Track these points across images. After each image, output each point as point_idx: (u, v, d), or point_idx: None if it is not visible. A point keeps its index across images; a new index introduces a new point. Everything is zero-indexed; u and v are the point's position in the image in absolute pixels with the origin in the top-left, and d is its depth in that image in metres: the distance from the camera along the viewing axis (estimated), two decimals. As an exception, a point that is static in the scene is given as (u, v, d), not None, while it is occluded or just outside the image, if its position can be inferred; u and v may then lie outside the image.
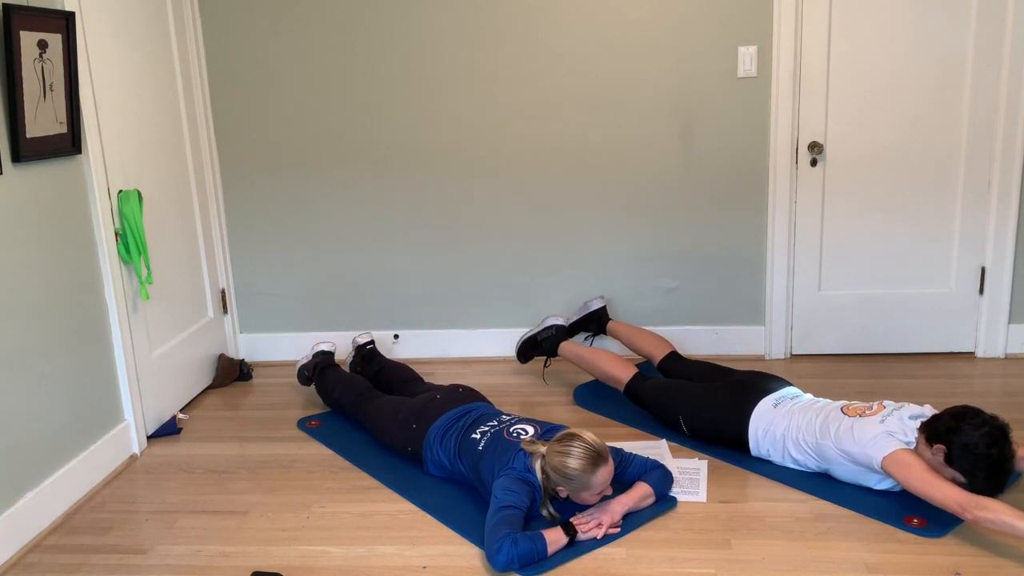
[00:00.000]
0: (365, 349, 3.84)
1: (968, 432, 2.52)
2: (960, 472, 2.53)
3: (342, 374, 3.63)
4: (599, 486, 2.57)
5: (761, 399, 3.04)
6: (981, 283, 3.95)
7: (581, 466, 2.53)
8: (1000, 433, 2.52)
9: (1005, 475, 2.52)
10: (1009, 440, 2.53)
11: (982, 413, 2.57)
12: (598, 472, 2.54)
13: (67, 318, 2.97)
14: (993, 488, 2.52)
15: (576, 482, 2.55)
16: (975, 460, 2.50)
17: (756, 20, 3.78)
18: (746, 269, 4.06)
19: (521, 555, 2.39)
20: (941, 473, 2.56)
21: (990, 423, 2.53)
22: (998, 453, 2.50)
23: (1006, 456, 2.51)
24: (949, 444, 2.54)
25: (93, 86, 3.14)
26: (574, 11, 3.85)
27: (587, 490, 2.57)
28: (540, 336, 3.84)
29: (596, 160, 4.00)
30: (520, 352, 3.90)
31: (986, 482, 2.51)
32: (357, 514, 2.82)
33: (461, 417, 3.02)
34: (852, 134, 3.85)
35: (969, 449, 2.51)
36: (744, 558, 2.47)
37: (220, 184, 4.18)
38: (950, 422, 2.57)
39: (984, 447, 2.49)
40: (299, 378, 3.76)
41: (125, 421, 3.31)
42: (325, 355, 3.73)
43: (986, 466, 2.50)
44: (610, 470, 2.58)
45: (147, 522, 2.84)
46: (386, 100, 4.03)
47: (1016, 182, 3.80)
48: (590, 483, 2.55)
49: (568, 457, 2.54)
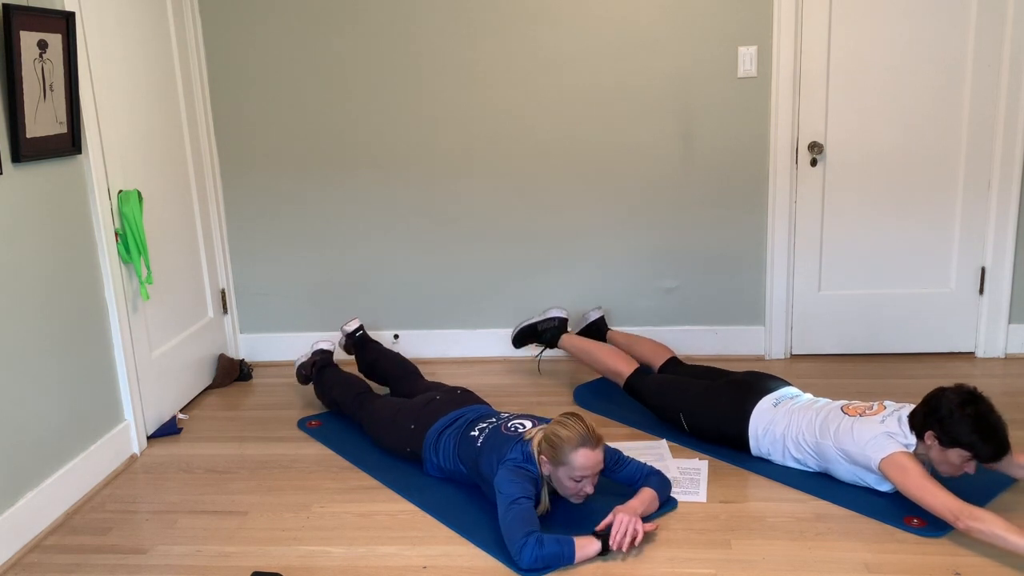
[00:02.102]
0: (355, 336, 3.83)
1: (941, 406, 2.56)
2: (957, 446, 2.53)
3: (341, 374, 3.63)
4: (579, 469, 2.55)
5: (761, 398, 3.04)
6: (981, 283, 3.95)
7: (568, 437, 2.54)
8: (969, 393, 2.56)
9: (996, 429, 2.53)
10: (981, 396, 2.56)
11: (945, 387, 2.62)
12: (583, 451, 2.54)
13: (67, 318, 2.97)
14: (997, 446, 2.52)
15: (559, 453, 2.55)
16: (959, 425, 2.52)
17: (756, 20, 3.78)
18: (746, 269, 4.06)
19: (546, 556, 2.39)
20: (947, 461, 2.57)
21: (957, 389, 2.58)
22: (973, 410, 2.52)
23: (985, 410, 2.53)
24: (933, 427, 2.57)
25: (93, 86, 3.14)
26: (574, 11, 3.85)
27: (566, 467, 2.55)
28: (541, 326, 3.83)
29: (596, 160, 4.00)
30: (516, 337, 3.89)
31: (983, 442, 2.51)
32: (357, 514, 2.82)
33: (459, 419, 3.02)
34: (852, 134, 3.85)
35: (950, 418, 2.53)
36: (744, 558, 2.47)
37: (220, 184, 4.18)
38: (923, 408, 2.63)
39: (959, 409, 2.52)
40: (298, 377, 3.76)
41: (125, 421, 3.31)
42: (324, 354, 3.73)
43: (972, 425, 2.51)
44: (596, 459, 2.56)
45: (147, 522, 2.84)
46: (387, 100, 4.03)
47: (1016, 182, 3.80)
48: (571, 459, 2.54)
49: (561, 427, 2.58)
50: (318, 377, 3.66)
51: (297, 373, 3.76)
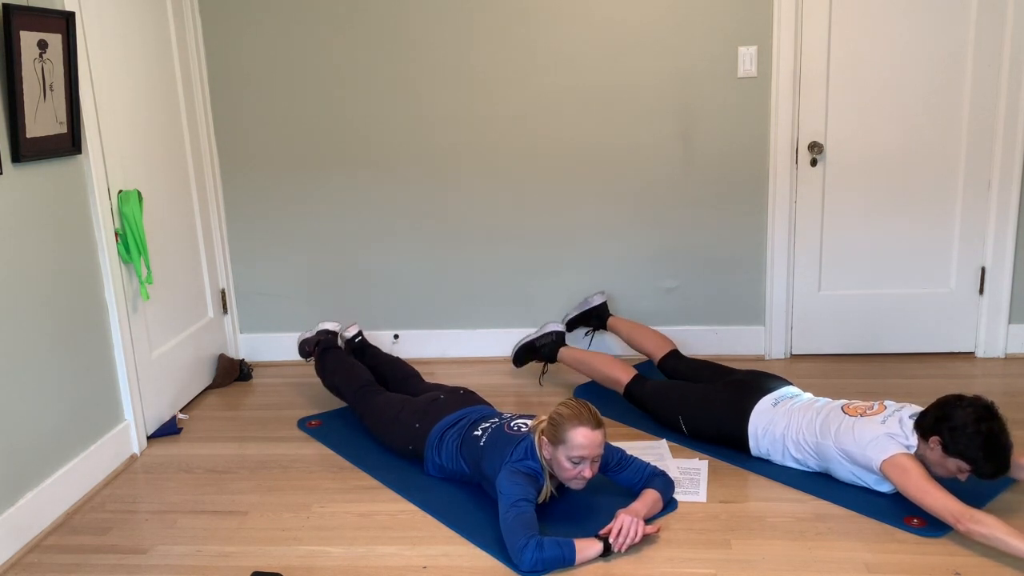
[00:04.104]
0: (355, 342, 3.83)
1: (955, 416, 2.54)
2: (960, 458, 2.53)
3: (345, 360, 3.61)
4: (577, 448, 2.54)
5: (761, 398, 3.04)
6: (981, 283, 3.95)
7: (568, 415, 2.56)
8: (986, 409, 2.54)
9: (1004, 449, 2.51)
10: (997, 414, 2.54)
11: (964, 396, 2.60)
12: (581, 429, 2.53)
13: (67, 318, 2.97)
14: (998, 465, 2.51)
15: (558, 431, 2.55)
16: (968, 440, 2.50)
17: (756, 20, 3.78)
18: (746, 269, 4.06)
19: (546, 559, 2.39)
20: (944, 466, 2.57)
21: (974, 403, 2.56)
22: (987, 428, 2.50)
23: (998, 429, 2.51)
24: (941, 433, 2.55)
25: (93, 86, 3.14)
26: (574, 11, 3.85)
27: (564, 445, 2.55)
28: (539, 342, 3.83)
29: (596, 160, 4.00)
30: (516, 357, 3.89)
31: (987, 460, 2.50)
32: (357, 514, 2.82)
33: (463, 419, 3.02)
34: (852, 134, 3.85)
35: (960, 430, 2.51)
36: (744, 558, 2.47)
37: (220, 184, 4.18)
38: (936, 412, 2.60)
39: (973, 424, 2.50)
40: (299, 351, 3.78)
41: (125, 421, 3.31)
42: (328, 335, 3.73)
43: (981, 442, 2.50)
44: (594, 439, 2.55)
45: (147, 522, 2.84)
46: (388, 100, 4.03)
47: (1016, 182, 3.80)
48: (569, 437, 2.54)
49: (564, 406, 2.60)
50: (321, 358, 3.65)
51: (300, 348, 3.79)
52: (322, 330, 3.75)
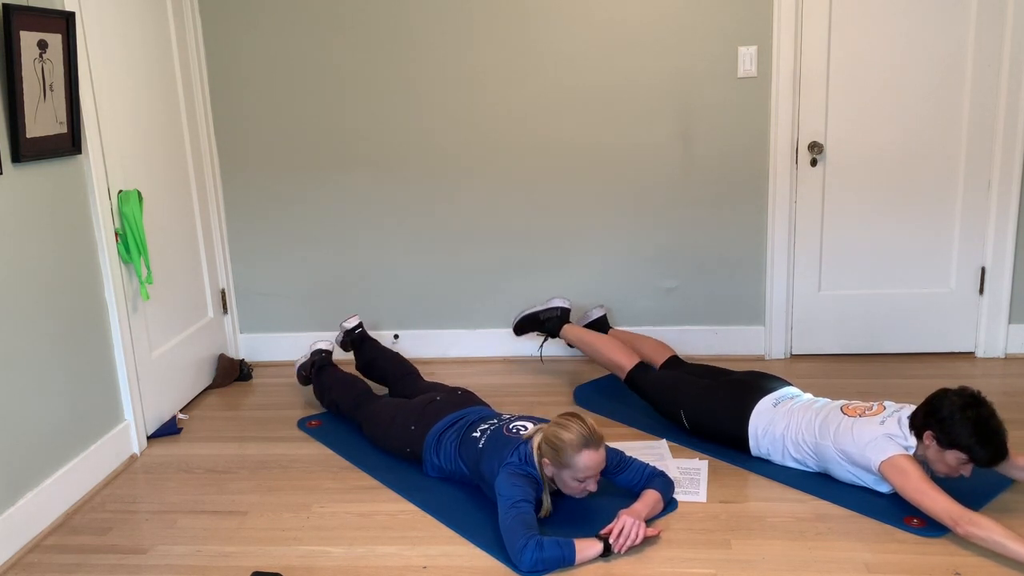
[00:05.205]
0: (354, 333, 3.82)
1: (942, 407, 2.56)
2: (955, 448, 2.53)
3: (339, 374, 3.63)
4: (582, 470, 2.55)
5: (761, 398, 3.04)
6: (981, 283, 3.95)
7: (571, 440, 2.54)
8: (971, 397, 2.56)
9: (996, 433, 2.52)
10: (984, 400, 2.56)
11: (950, 388, 2.61)
12: (585, 452, 2.53)
13: (67, 318, 2.97)
14: (995, 452, 2.51)
15: (562, 456, 2.55)
16: (959, 428, 2.51)
17: (756, 20, 3.78)
18: (746, 269, 4.06)
19: (546, 559, 2.39)
20: (944, 461, 2.57)
21: (960, 392, 2.58)
22: (975, 414, 2.51)
23: (986, 414, 2.52)
24: (932, 427, 2.56)
25: (93, 86, 3.14)
26: (574, 11, 3.85)
27: (569, 469, 2.55)
28: (544, 315, 3.82)
29: (596, 160, 4.00)
30: (518, 325, 3.88)
31: (981, 446, 2.50)
32: (357, 514, 2.82)
33: (460, 420, 3.01)
34: (852, 134, 3.85)
35: (950, 420, 2.52)
36: (744, 558, 2.47)
37: (220, 184, 4.18)
38: (925, 407, 2.62)
39: (960, 412, 2.52)
40: (299, 378, 3.76)
41: (125, 421, 3.31)
42: (322, 354, 3.73)
43: (971, 429, 2.50)
44: (599, 459, 2.56)
45: (147, 522, 2.84)
46: (388, 99, 4.03)
47: (1016, 182, 3.80)
48: (574, 462, 2.54)
49: (563, 429, 2.57)
50: (317, 377, 3.66)
51: (297, 374, 3.76)
52: (316, 351, 3.73)
